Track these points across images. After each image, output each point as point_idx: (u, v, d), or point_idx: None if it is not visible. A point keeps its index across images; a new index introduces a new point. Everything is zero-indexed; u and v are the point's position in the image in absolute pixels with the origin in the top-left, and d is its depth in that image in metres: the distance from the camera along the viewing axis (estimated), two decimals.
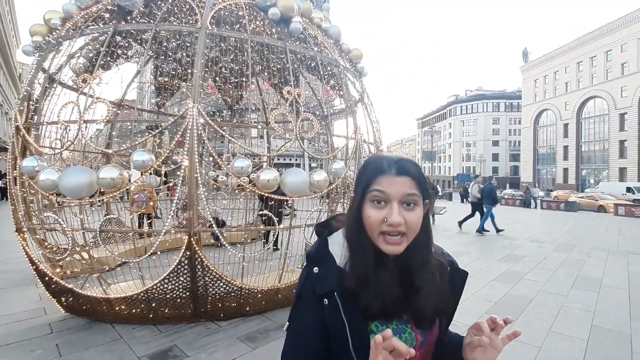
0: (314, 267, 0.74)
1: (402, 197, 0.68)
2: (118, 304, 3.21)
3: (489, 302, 4.11)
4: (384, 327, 0.70)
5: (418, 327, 0.74)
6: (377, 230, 0.69)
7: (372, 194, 0.69)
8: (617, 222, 13.55)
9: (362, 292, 0.69)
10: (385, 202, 0.69)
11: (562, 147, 47.35)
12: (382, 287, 0.69)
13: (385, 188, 0.69)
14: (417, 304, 0.72)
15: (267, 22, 4.31)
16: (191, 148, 3.06)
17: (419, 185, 0.71)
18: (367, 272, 0.70)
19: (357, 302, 0.69)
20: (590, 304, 4.08)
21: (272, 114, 3.57)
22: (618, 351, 2.97)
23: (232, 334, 3.18)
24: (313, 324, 0.71)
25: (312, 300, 0.72)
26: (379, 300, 0.68)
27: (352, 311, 0.69)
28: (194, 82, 3.29)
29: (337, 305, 0.69)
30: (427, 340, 0.76)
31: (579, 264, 6.10)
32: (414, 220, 0.69)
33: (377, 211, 0.69)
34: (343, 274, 0.72)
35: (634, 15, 37.64)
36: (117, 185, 2.97)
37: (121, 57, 4.83)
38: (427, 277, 0.73)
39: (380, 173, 0.70)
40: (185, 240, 3.09)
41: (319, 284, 0.72)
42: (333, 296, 0.70)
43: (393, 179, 0.69)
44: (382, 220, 0.68)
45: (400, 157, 0.74)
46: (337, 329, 0.69)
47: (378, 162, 0.73)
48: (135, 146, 3.28)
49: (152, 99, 7.64)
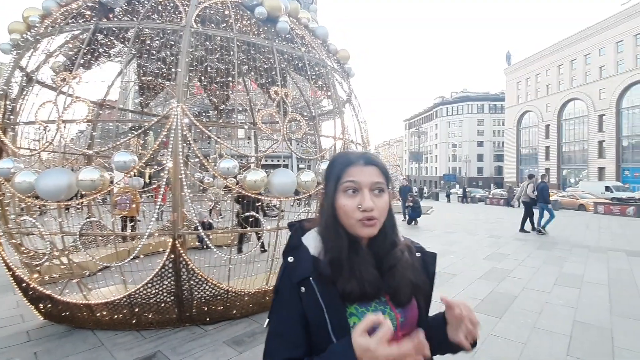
0: (288, 257, 0.78)
1: (372, 185, 0.75)
2: (99, 310, 3.11)
3: (474, 300, 4.16)
4: (363, 309, 0.73)
5: (397, 307, 0.77)
6: (353, 217, 0.74)
7: (344, 185, 0.75)
8: (597, 220, 13.98)
9: (338, 276, 0.73)
10: (357, 190, 0.75)
11: (544, 147, 48.67)
12: (357, 270, 0.74)
13: (356, 177, 0.75)
14: (393, 281, 0.77)
15: (253, 21, 4.27)
16: (175, 149, 3.00)
17: (384, 175, 0.78)
18: (341, 256, 0.74)
19: (334, 287, 0.73)
20: (572, 300, 4.18)
21: (259, 114, 3.53)
22: (599, 346, 3.04)
23: (219, 338, 3.12)
24: (292, 316, 0.73)
25: (290, 293, 0.74)
26: (356, 283, 0.72)
27: (330, 295, 0.72)
28: (178, 82, 3.23)
29: (314, 291, 0.72)
30: (408, 321, 0.78)
31: (561, 261, 6.25)
32: (383, 205, 0.76)
33: (350, 200, 0.75)
34: (317, 262, 0.75)
35: (610, 20, 39.09)
36: (98, 187, 2.88)
37: (103, 55, 4.71)
38: (398, 255, 0.79)
39: (349, 165, 0.77)
40: (170, 243, 3.02)
41: (294, 273, 0.75)
42: (309, 283, 0.73)
43: (362, 168, 0.76)
44: (356, 207, 0.74)
45: (365, 151, 0.82)
46: (316, 314, 0.71)
47: (346, 156, 0.80)
48: (118, 147, 3.20)
49: (136, 99, 7.48)
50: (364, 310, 0.73)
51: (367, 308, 0.74)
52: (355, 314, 0.73)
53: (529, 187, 9.94)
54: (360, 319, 0.71)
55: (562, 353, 2.91)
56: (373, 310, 0.74)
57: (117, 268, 3.15)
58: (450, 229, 10.57)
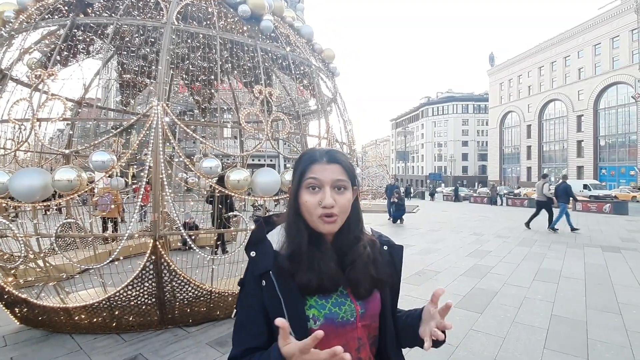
0: (251, 251, 0.81)
1: (333, 182, 0.77)
2: (77, 314, 3.03)
3: (457, 296, 4.24)
4: (322, 302, 0.76)
5: (357, 299, 0.79)
6: (314, 213, 0.76)
7: (307, 181, 0.78)
8: (575, 217, 14.40)
9: (297, 269, 0.75)
10: (319, 187, 0.77)
11: (526, 147, 50.06)
12: (317, 264, 0.76)
13: (318, 175, 0.77)
14: (353, 275, 0.78)
15: (237, 19, 4.23)
16: (156, 148, 2.94)
17: (347, 173, 0.79)
18: (301, 250, 0.77)
19: (292, 280, 0.75)
20: (550, 295, 4.32)
21: (242, 113, 3.51)
22: (575, 338, 3.15)
23: (202, 340, 3.08)
24: (255, 307, 0.77)
25: (253, 285, 0.78)
26: (313, 276, 0.75)
27: (288, 288, 0.75)
28: (159, 79, 3.17)
29: (273, 284, 0.75)
30: (368, 312, 0.80)
31: (540, 257, 6.43)
32: (344, 202, 0.78)
33: (312, 196, 0.77)
34: (278, 256, 0.78)
35: (588, 24, 40.47)
36: (75, 187, 2.80)
37: (82, 52, 4.58)
38: (360, 251, 0.81)
39: (313, 162, 0.79)
40: (151, 244, 2.97)
41: (256, 267, 0.78)
42: (269, 276, 0.76)
43: (325, 166, 0.78)
44: (318, 204, 0.76)
45: (330, 148, 0.84)
46: (274, 306, 0.75)
47: (311, 153, 0.82)
48: (96, 146, 3.12)
49: (117, 97, 7.30)
50: (323, 302, 0.76)
51: (327, 300, 0.77)
52: (315, 306, 0.75)
53: (544, 187, 9.83)
54: (319, 311, 0.75)
55: (539, 346, 3.00)
56: (333, 303, 0.77)
57: (96, 270, 3.07)
58: (435, 227, 10.74)
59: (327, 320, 0.75)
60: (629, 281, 4.91)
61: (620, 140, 37.67)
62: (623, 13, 35.23)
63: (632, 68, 33.15)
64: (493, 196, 23.75)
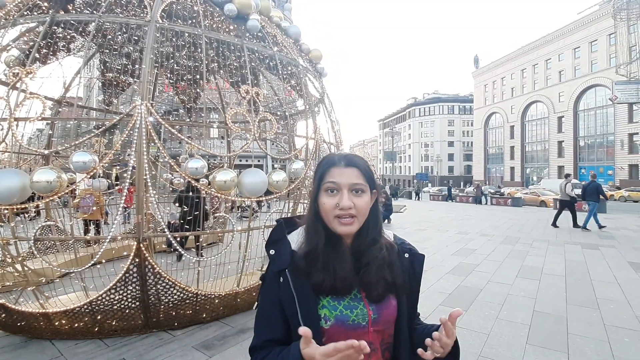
0: (270, 250, 0.85)
1: (351, 186, 0.79)
2: (58, 319, 2.94)
3: (443, 294, 4.31)
4: (335, 303, 0.78)
5: (371, 304, 0.80)
6: (332, 214, 0.79)
7: (325, 185, 0.80)
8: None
9: (312, 269, 0.78)
10: (337, 190, 0.79)
11: (509, 147, 51.28)
12: (332, 265, 0.78)
13: (336, 178, 0.80)
14: (367, 278, 0.80)
15: (224, 18, 4.19)
16: (139, 148, 2.88)
17: (365, 176, 0.82)
18: (317, 251, 0.79)
19: (307, 279, 0.78)
20: (532, 292, 4.43)
21: (229, 113, 3.47)
22: (556, 333, 3.24)
23: (187, 343, 3.04)
24: (273, 302, 0.80)
25: (273, 281, 0.81)
26: (328, 277, 0.77)
27: (303, 287, 0.78)
28: (142, 78, 3.11)
29: (288, 281, 0.78)
30: (382, 318, 0.81)
31: (523, 255, 6.60)
32: (362, 205, 0.80)
33: (330, 198, 0.79)
34: (295, 255, 0.82)
35: (569, 28, 41.75)
36: (55, 189, 2.71)
37: (62, 50, 4.45)
38: (375, 253, 0.82)
39: (331, 166, 0.82)
40: (134, 246, 2.91)
41: (274, 264, 0.83)
42: (285, 273, 0.80)
43: (342, 170, 0.80)
44: (335, 206, 0.78)
45: (349, 152, 0.85)
46: (289, 303, 0.78)
47: (330, 158, 0.85)
48: (77, 147, 3.03)
49: (99, 96, 7.12)
50: (335, 304, 0.78)
51: (340, 302, 0.79)
52: (327, 307, 0.78)
53: (567, 187, 9.99)
54: (330, 312, 0.78)
55: (521, 342, 3.07)
56: (345, 305, 0.79)
57: (78, 274, 2.98)
58: (422, 227, 10.88)
59: (337, 321, 0.77)
60: (606, 277, 5.09)
61: (599, 140, 38.97)
62: (601, 18, 36.45)
63: (609, 71, 34.29)
64: (478, 195, 24.22)
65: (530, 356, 2.83)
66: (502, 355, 2.85)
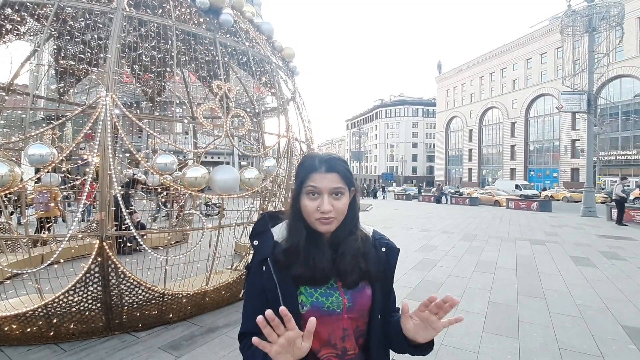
0: (254, 241, 0.91)
1: (331, 190, 0.84)
2: (8, 324, 2.71)
3: (407, 289, 4.51)
4: (311, 291, 0.85)
5: (346, 292, 0.87)
6: (313, 216, 0.85)
7: (307, 188, 0.85)
8: (508, 214, 16.00)
9: (293, 262, 0.85)
10: (318, 194, 0.84)
11: (468, 150, 54.32)
12: (312, 259, 0.84)
13: (317, 184, 0.84)
14: (343, 266, 0.87)
15: (194, 10, 4.07)
16: (104, 142, 2.73)
17: (344, 179, 0.87)
18: (299, 247, 0.85)
19: (287, 269, 0.84)
20: (487, 284, 4.77)
21: (200, 108, 3.39)
22: (508, 321, 3.53)
23: (153, 344, 2.94)
24: (257, 289, 0.86)
25: (256, 269, 0.87)
26: (307, 269, 0.84)
27: (283, 275, 0.84)
28: (107, 69, 2.94)
29: (270, 269, 0.85)
30: (356, 307, 0.87)
31: (479, 251, 7.06)
32: (340, 207, 0.85)
33: (311, 202, 0.85)
34: (277, 246, 0.88)
35: (522, 40, 44.95)
36: (6, 183, 2.51)
37: (11, 32, 4.08)
38: (351, 244, 0.89)
39: (313, 171, 0.86)
40: (96, 245, 2.76)
41: (257, 254, 0.89)
42: (267, 262, 0.86)
43: (324, 175, 0.85)
44: (316, 209, 0.84)
45: (330, 155, 0.89)
46: (271, 289, 0.84)
47: (311, 162, 0.88)
48: (29, 139, 2.82)
49: (52, 85, 6.58)
50: (312, 291, 0.85)
51: (316, 290, 0.85)
52: (304, 294, 0.85)
53: (617, 187, 11.29)
54: (307, 298, 0.84)
55: (478, 330, 3.32)
56: (321, 293, 0.85)
57: (31, 275, 2.77)
58: (388, 225, 11.24)
59: (313, 307, 0.84)
60: (550, 269, 5.59)
61: (546, 145, 42.43)
62: (550, 32, 39.56)
63: (556, 82, 37.25)
64: (439, 195, 25.43)
65: (486, 343, 3.06)
66: (462, 343, 3.06)
